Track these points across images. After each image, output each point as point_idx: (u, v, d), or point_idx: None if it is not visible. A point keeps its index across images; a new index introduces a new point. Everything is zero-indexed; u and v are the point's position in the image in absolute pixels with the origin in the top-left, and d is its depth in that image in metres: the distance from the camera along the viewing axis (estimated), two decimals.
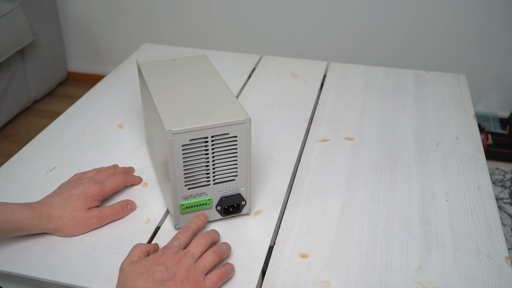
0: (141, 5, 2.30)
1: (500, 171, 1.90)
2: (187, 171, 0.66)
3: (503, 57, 2.05)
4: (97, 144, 0.90)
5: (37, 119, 2.25)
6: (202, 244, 0.64)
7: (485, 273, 0.65)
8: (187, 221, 0.70)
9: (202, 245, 0.64)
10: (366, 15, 2.08)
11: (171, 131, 0.62)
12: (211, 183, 0.68)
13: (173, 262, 0.60)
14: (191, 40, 2.33)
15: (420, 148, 0.90)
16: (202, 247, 0.63)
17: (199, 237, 0.65)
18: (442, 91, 1.09)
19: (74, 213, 0.68)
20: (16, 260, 0.66)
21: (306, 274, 0.65)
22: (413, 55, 2.12)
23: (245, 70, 1.17)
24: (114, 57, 2.48)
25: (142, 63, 0.80)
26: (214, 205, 0.70)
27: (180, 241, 0.64)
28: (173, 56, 0.82)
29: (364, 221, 0.73)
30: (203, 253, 0.63)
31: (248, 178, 0.70)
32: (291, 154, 0.88)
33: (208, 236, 0.65)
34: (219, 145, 0.65)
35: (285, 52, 2.22)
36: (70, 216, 0.68)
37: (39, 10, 2.23)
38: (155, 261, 0.60)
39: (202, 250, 0.63)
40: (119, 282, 0.60)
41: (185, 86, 0.73)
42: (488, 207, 0.76)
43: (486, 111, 2.18)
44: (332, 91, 1.09)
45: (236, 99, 0.70)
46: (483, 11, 1.97)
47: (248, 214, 0.74)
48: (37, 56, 2.26)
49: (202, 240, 0.64)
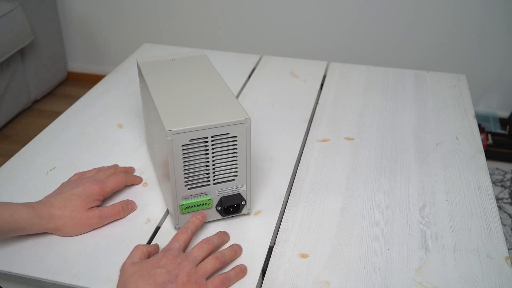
0: (141, 5, 2.30)
1: (500, 171, 1.90)
2: (187, 171, 0.66)
3: (503, 57, 2.05)
4: (97, 144, 0.90)
5: (37, 119, 2.25)
6: (204, 249, 0.64)
7: (485, 273, 0.65)
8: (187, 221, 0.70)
9: (204, 250, 0.64)
10: (366, 15, 2.08)
11: (171, 131, 0.62)
12: (211, 183, 0.68)
13: (174, 265, 0.60)
14: (191, 40, 2.33)
15: (420, 148, 0.90)
16: (204, 252, 0.63)
17: (201, 242, 0.65)
18: (442, 91, 1.09)
19: (74, 212, 0.68)
20: (16, 260, 0.66)
21: (306, 274, 0.65)
22: (413, 55, 2.12)
23: (245, 70, 1.17)
24: (114, 57, 2.48)
25: (142, 63, 0.80)
26: (214, 205, 0.70)
27: (180, 242, 0.64)
28: (173, 56, 0.82)
29: (364, 221, 0.73)
30: (204, 258, 0.63)
31: (248, 178, 0.70)
32: (291, 154, 0.88)
33: (210, 242, 0.65)
34: (219, 145, 0.65)
35: (285, 52, 2.22)
36: (71, 216, 0.68)
37: (39, 10, 2.22)
38: (156, 264, 0.60)
39: (203, 255, 0.63)
40: (120, 283, 0.60)
41: (185, 86, 0.73)
42: (488, 207, 0.76)
43: (486, 111, 2.18)
44: (332, 91, 1.09)
45: (236, 99, 0.70)
46: (483, 11, 1.97)
47: (248, 214, 0.74)
48: (37, 56, 2.26)
49: (204, 245, 0.64)
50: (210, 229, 0.71)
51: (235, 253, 0.66)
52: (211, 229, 0.71)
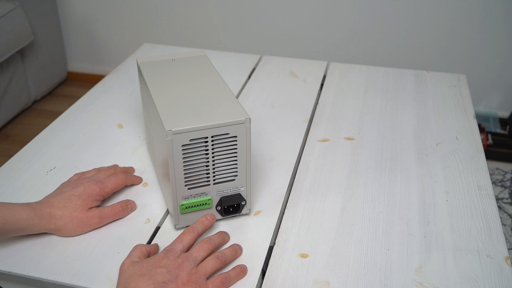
0: (141, 5, 2.30)
1: (500, 171, 1.90)
2: (187, 171, 0.66)
3: (503, 57, 2.05)
4: (97, 144, 0.90)
5: (37, 119, 2.25)
6: (205, 249, 0.64)
7: (485, 273, 0.65)
8: (187, 221, 0.70)
9: (204, 250, 0.64)
10: (366, 15, 2.08)
11: (171, 131, 0.62)
12: (211, 183, 0.68)
13: (175, 265, 0.60)
14: (191, 40, 2.33)
15: (420, 148, 0.90)
16: (204, 252, 0.63)
17: (202, 242, 0.65)
18: (442, 91, 1.09)
19: (74, 213, 0.68)
20: (16, 260, 0.66)
21: (306, 274, 0.65)
22: (413, 55, 2.12)
23: (245, 70, 1.17)
24: (114, 57, 2.48)
25: (142, 63, 0.80)
26: (214, 205, 0.70)
27: (183, 244, 0.64)
28: (173, 56, 0.82)
29: (364, 221, 0.73)
30: (205, 258, 0.63)
31: (248, 178, 0.70)
32: (291, 154, 0.88)
33: (211, 242, 0.65)
34: (219, 145, 0.65)
35: (285, 52, 2.22)
36: (71, 216, 0.68)
37: (39, 10, 2.22)
38: (156, 263, 0.60)
39: (204, 255, 0.63)
40: (120, 282, 0.60)
41: (185, 86, 0.73)
42: (488, 207, 0.76)
43: (486, 111, 2.18)
44: (332, 91, 1.09)
45: (236, 99, 0.70)
46: (483, 11, 1.97)
47: (248, 214, 0.74)
48: (37, 56, 2.26)
49: (205, 245, 0.64)
50: (210, 229, 0.71)
51: (236, 253, 0.66)
52: (211, 229, 0.71)
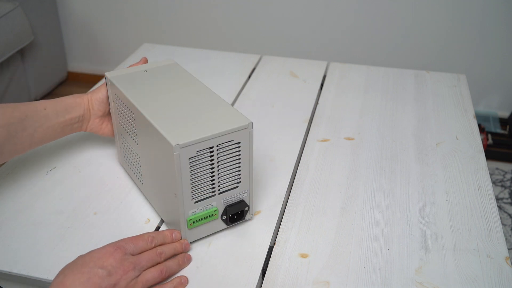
0: (141, 5, 2.30)
1: (500, 171, 1.90)
2: (194, 184, 0.64)
3: (503, 57, 2.05)
4: (97, 144, 0.90)
5: None
6: (153, 262, 0.62)
7: (485, 273, 0.65)
8: (195, 235, 0.68)
9: (153, 263, 0.62)
10: (366, 15, 2.08)
11: (178, 145, 0.60)
12: (216, 193, 0.66)
13: (119, 269, 0.58)
14: (191, 40, 2.33)
15: (420, 148, 0.90)
16: (151, 264, 0.62)
17: (154, 254, 0.63)
18: (442, 91, 1.09)
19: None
20: (16, 260, 0.66)
21: (306, 274, 0.65)
22: (413, 55, 2.12)
23: (245, 70, 1.17)
24: (114, 57, 2.47)
25: (114, 77, 0.75)
26: (220, 215, 0.69)
27: (136, 248, 0.62)
28: (144, 68, 0.80)
29: (364, 221, 0.73)
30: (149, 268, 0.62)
31: (251, 183, 0.69)
32: (291, 154, 0.88)
33: (162, 259, 0.63)
34: (223, 153, 0.64)
35: (285, 52, 2.22)
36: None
37: (39, 10, 2.22)
38: (101, 260, 0.58)
39: (150, 266, 0.62)
40: (74, 261, 0.58)
41: (171, 96, 0.71)
42: (488, 207, 0.76)
43: (486, 111, 2.18)
44: (332, 91, 1.09)
45: (230, 105, 0.69)
46: (483, 11, 1.97)
47: (250, 219, 0.73)
48: (37, 56, 2.26)
49: (156, 258, 0.63)
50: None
51: (180, 266, 0.65)
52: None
